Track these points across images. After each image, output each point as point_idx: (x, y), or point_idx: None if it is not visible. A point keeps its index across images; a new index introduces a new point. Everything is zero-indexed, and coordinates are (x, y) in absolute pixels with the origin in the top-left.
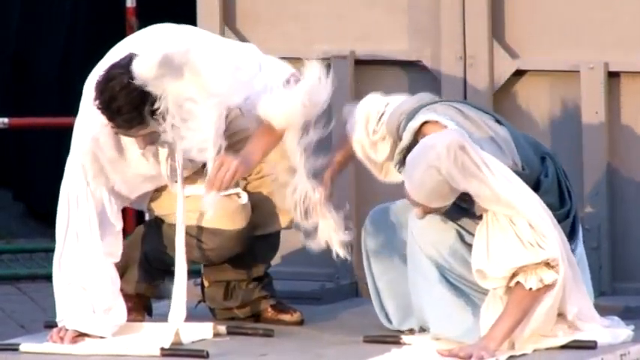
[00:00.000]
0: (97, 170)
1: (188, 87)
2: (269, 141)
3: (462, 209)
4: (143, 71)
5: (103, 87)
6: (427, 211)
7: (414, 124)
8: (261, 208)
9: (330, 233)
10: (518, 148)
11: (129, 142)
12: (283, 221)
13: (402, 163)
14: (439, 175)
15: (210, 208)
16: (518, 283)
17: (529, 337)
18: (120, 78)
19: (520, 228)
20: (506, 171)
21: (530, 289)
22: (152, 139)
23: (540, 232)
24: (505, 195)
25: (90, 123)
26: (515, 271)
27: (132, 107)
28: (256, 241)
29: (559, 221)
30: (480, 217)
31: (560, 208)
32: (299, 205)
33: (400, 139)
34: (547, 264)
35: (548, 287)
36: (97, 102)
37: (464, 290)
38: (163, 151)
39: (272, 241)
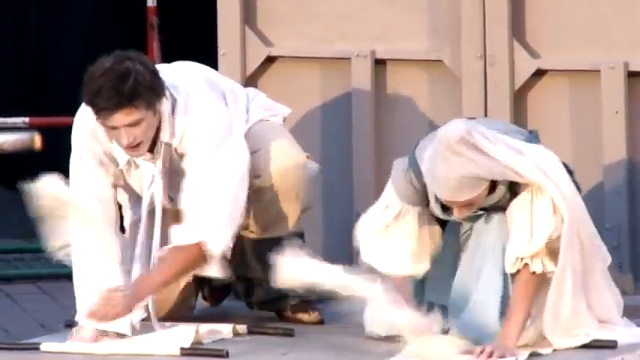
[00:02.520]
0: (96, 163)
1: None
2: (171, 273)
3: None
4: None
5: (86, 77)
6: (464, 209)
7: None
8: (268, 210)
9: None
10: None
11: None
12: (291, 224)
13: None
14: (459, 164)
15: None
16: (525, 265)
17: (551, 337)
18: (102, 63)
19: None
20: (524, 146)
21: (534, 272)
22: (136, 138)
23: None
24: (524, 172)
25: (88, 117)
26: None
27: (109, 86)
28: (267, 244)
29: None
30: None
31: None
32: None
33: (422, 186)
34: (551, 253)
35: (545, 276)
36: (83, 92)
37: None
38: (146, 181)
39: (280, 246)
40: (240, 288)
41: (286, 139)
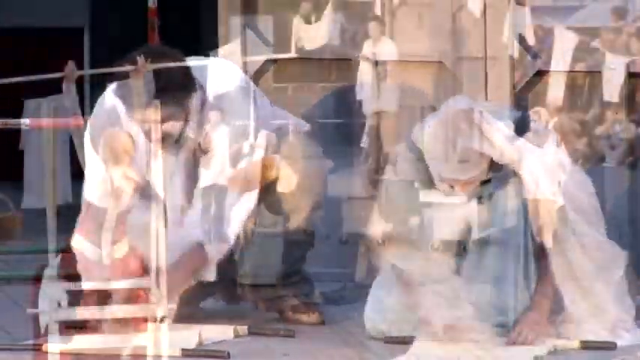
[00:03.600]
0: (109, 152)
1: None
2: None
3: None
4: None
5: (117, 72)
6: (467, 186)
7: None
8: (280, 204)
9: None
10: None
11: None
12: (302, 221)
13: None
14: (462, 142)
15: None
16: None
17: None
18: (133, 59)
19: None
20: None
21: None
22: (163, 132)
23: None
24: (516, 158)
25: (111, 103)
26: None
27: (141, 84)
28: (266, 242)
29: None
30: None
31: None
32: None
33: (422, 166)
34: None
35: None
36: (115, 86)
37: None
38: (168, 174)
39: (287, 243)
40: (244, 285)
41: (304, 137)
